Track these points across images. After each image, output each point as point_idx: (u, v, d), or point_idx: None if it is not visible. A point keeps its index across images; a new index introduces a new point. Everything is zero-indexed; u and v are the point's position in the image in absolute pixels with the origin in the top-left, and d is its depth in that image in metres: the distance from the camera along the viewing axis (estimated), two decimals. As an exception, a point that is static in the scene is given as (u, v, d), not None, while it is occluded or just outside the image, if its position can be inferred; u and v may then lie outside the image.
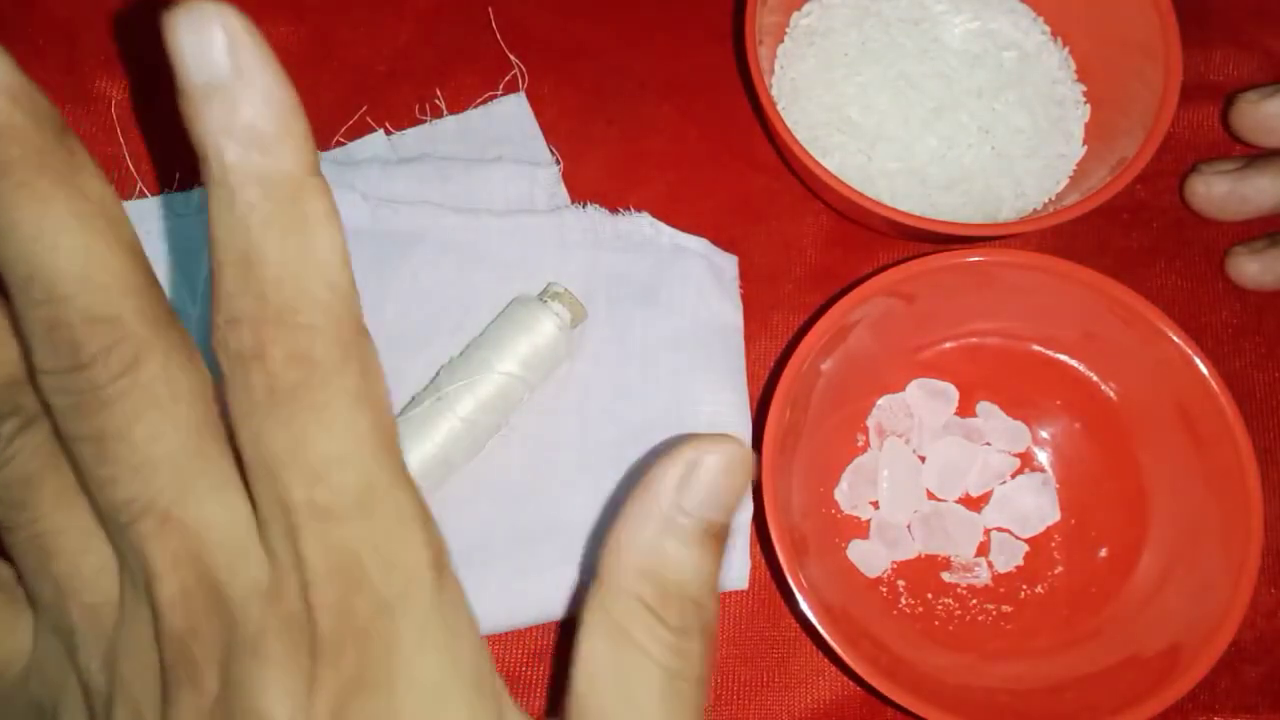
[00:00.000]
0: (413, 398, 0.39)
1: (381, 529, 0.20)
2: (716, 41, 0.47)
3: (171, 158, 0.43)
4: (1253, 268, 0.44)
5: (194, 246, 0.41)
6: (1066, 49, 0.46)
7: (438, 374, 0.39)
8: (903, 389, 0.42)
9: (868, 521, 0.41)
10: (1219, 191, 0.44)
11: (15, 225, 0.19)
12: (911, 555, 0.41)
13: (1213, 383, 0.37)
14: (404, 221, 0.41)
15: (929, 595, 0.41)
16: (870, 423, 0.42)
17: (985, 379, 0.42)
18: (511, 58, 0.45)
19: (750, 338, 0.43)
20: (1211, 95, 0.47)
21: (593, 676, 0.22)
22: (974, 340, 0.42)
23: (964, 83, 0.44)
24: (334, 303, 0.20)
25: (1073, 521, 0.41)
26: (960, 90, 0.44)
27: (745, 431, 0.40)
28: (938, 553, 0.41)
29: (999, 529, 0.41)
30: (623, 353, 0.41)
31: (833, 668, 0.40)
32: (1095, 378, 0.41)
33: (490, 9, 0.46)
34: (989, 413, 0.42)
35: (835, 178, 0.39)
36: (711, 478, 0.23)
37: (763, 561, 0.41)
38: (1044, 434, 0.42)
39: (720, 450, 0.23)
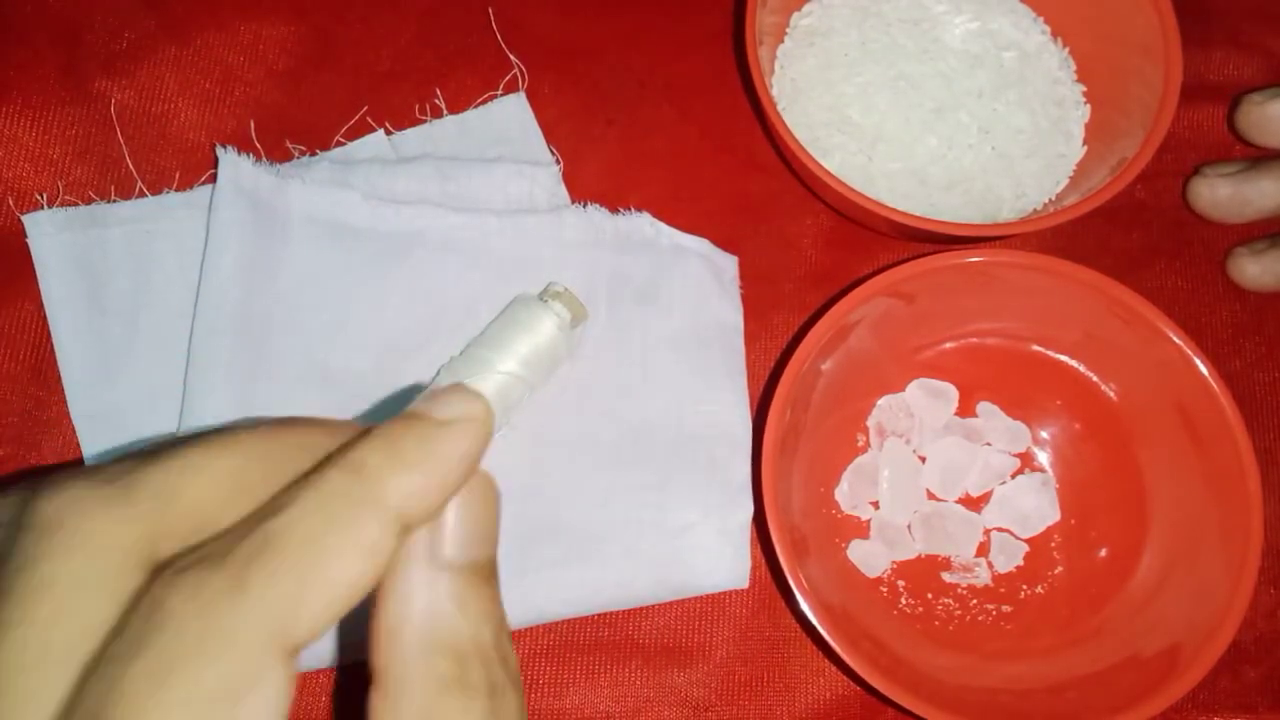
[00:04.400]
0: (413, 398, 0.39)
1: None
2: (716, 41, 0.47)
3: (171, 158, 0.43)
4: (1253, 269, 0.44)
5: (194, 246, 0.41)
6: (1066, 49, 0.46)
7: (438, 373, 0.39)
8: (903, 389, 0.42)
9: (868, 521, 0.41)
10: (1222, 194, 0.44)
11: None
12: (912, 555, 0.41)
13: (1213, 383, 0.37)
14: (404, 221, 0.41)
15: (929, 595, 0.41)
16: (870, 423, 0.42)
17: (985, 379, 0.42)
18: (511, 58, 0.45)
19: (750, 338, 0.43)
20: (1211, 95, 0.47)
21: None
22: (974, 340, 0.42)
23: (964, 83, 0.44)
24: None
25: (1073, 522, 0.41)
26: (960, 90, 0.44)
27: (745, 431, 0.40)
28: (938, 553, 0.41)
29: (999, 529, 0.41)
30: (623, 353, 0.41)
31: (833, 668, 0.40)
32: (1095, 378, 0.41)
33: (490, 9, 0.46)
34: (989, 413, 0.42)
35: (835, 178, 0.39)
36: (457, 516, 0.20)
37: (763, 561, 0.41)
38: (1044, 434, 0.42)
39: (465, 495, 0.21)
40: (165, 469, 0.19)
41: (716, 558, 0.39)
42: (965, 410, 0.43)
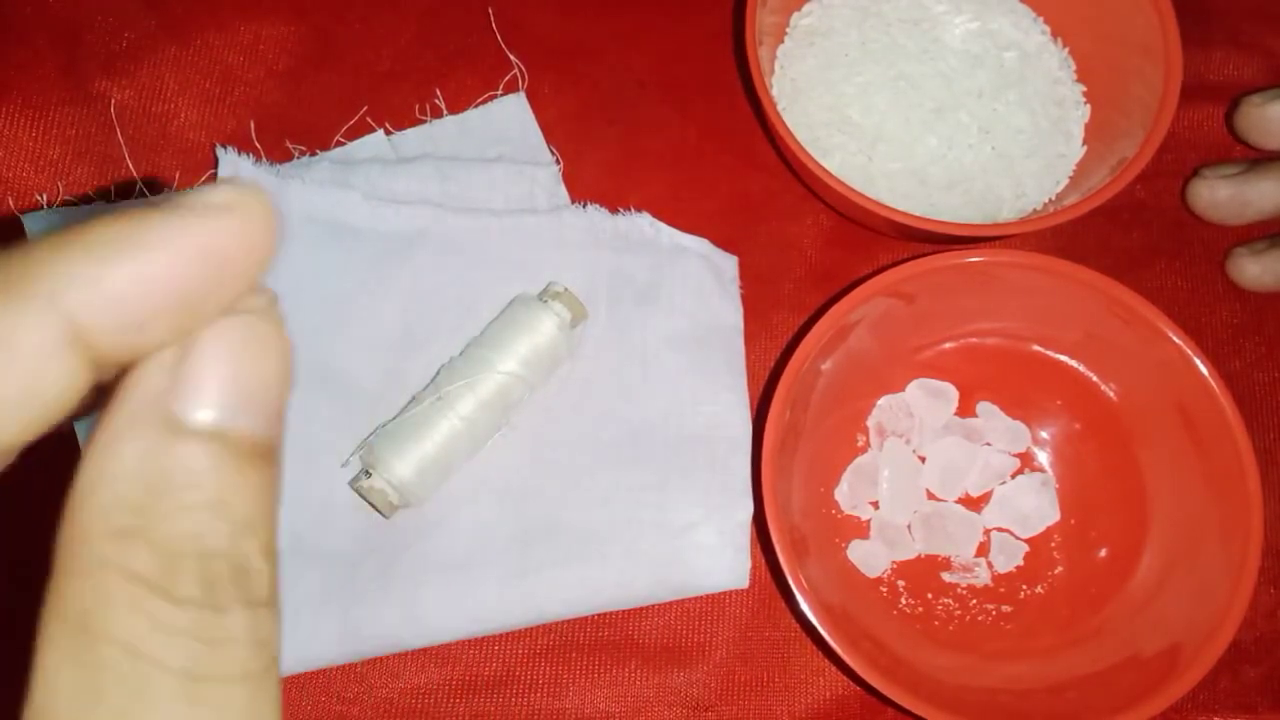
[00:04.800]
0: (413, 397, 0.39)
1: None
2: (716, 41, 0.47)
3: (171, 158, 0.43)
4: (1253, 269, 0.44)
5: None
6: (1066, 49, 0.46)
7: (438, 373, 0.39)
8: (903, 389, 0.42)
9: (868, 521, 0.41)
10: (1222, 196, 0.44)
11: None
12: (911, 555, 0.41)
13: (1213, 383, 0.37)
14: (404, 221, 0.41)
15: (929, 595, 0.41)
16: (870, 423, 0.42)
17: (985, 379, 0.42)
18: (511, 58, 0.45)
19: (750, 338, 0.43)
20: (1211, 95, 0.47)
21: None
22: (974, 340, 0.42)
23: (964, 83, 0.44)
24: None
25: (1073, 522, 0.41)
26: (960, 90, 0.44)
27: (745, 431, 0.40)
28: (938, 553, 0.41)
29: (999, 529, 0.41)
30: (623, 353, 0.41)
31: (833, 668, 0.40)
32: (1095, 378, 0.41)
33: (490, 9, 0.46)
34: (989, 413, 0.42)
35: (835, 178, 0.39)
36: (210, 360, 0.14)
37: (763, 561, 0.41)
38: (1044, 434, 0.42)
39: (224, 325, 0.15)
40: None
41: (716, 558, 0.39)
42: (965, 410, 0.43)
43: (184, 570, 0.13)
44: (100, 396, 0.15)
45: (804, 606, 0.35)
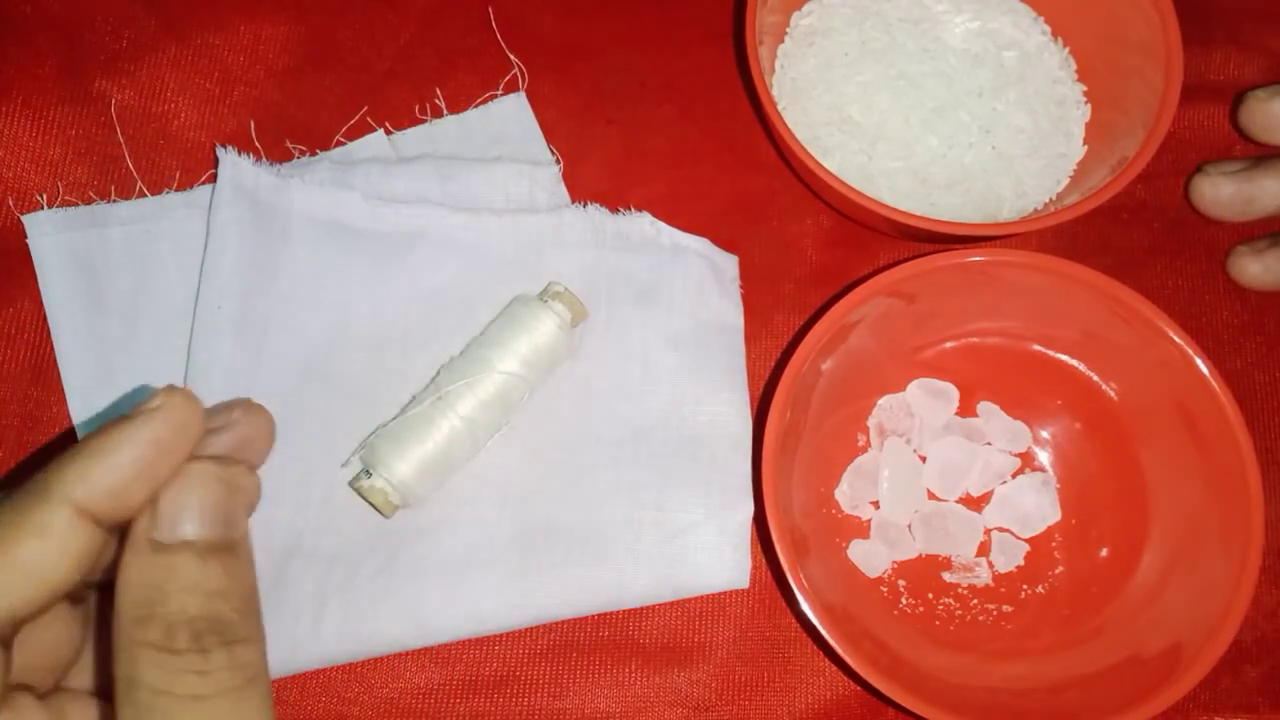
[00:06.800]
0: (413, 397, 0.39)
1: None
2: (716, 41, 0.47)
3: (171, 158, 0.43)
4: (1255, 268, 0.44)
5: (194, 246, 0.41)
6: (1067, 49, 0.46)
7: (438, 373, 0.39)
8: (903, 389, 0.42)
9: (868, 521, 0.41)
10: (1225, 193, 0.44)
11: None
12: (912, 555, 0.41)
13: (1213, 383, 0.37)
14: (404, 221, 0.41)
15: (930, 595, 0.41)
16: (871, 423, 0.42)
17: (986, 379, 0.42)
18: (511, 58, 0.45)
19: (750, 337, 0.43)
20: (1212, 95, 0.47)
21: None
22: (974, 340, 0.42)
23: (965, 82, 0.44)
24: None
25: (1073, 521, 0.41)
26: (961, 90, 0.44)
27: (745, 431, 0.40)
28: (938, 553, 0.41)
29: (1000, 529, 0.41)
30: (623, 352, 0.41)
31: (833, 668, 0.40)
32: (1096, 378, 0.41)
33: (490, 9, 0.46)
34: (990, 413, 0.42)
35: (836, 177, 0.39)
36: (167, 499, 0.23)
37: (763, 561, 0.41)
38: (1044, 434, 0.42)
39: (179, 476, 0.23)
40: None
41: (717, 558, 0.39)
42: (965, 410, 0.42)
43: (178, 632, 0.22)
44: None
45: (804, 606, 0.35)
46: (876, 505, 0.41)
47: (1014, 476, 0.42)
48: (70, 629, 0.26)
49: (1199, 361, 0.38)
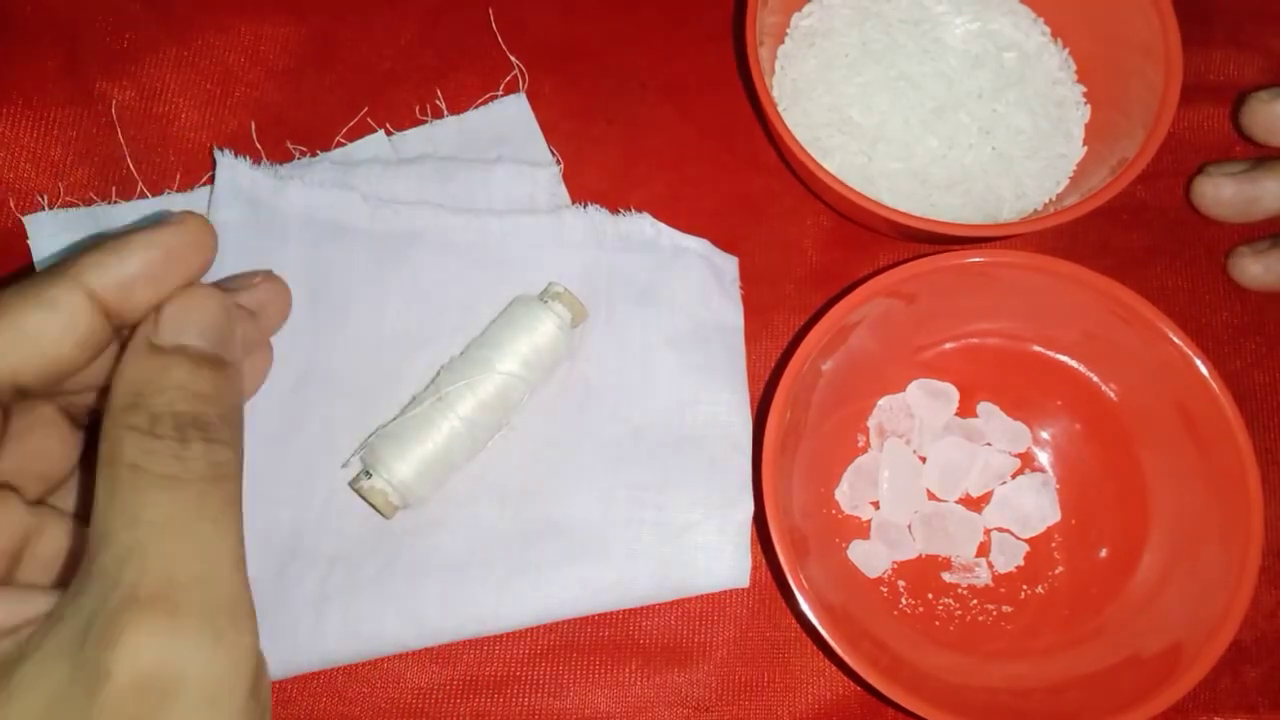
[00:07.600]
0: (413, 398, 0.39)
1: None
2: (716, 41, 0.47)
3: (172, 158, 0.43)
4: (1255, 268, 0.44)
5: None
6: (1067, 50, 0.46)
7: (438, 374, 0.39)
8: (903, 389, 0.42)
9: (868, 522, 0.41)
10: (1227, 193, 0.44)
11: None
12: (912, 555, 0.41)
13: (1213, 383, 0.37)
14: (404, 221, 0.41)
15: (929, 595, 0.41)
16: (871, 423, 0.42)
17: (986, 379, 0.42)
18: (511, 58, 0.45)
19: (751, 338, 0.43)
20: (1212, 95, 0.47)
21: (102, 515, 0.22)
22: (974, 340, 0.42)
23: (964, 83, 0.44)
24: None
25: (1073, 522, 0.41)
26: (961, 91, 0.44)
27: (745, 431, 0.40)
28: (938, 553, 0.41)
29: (999, 529, 0.41)
30: (623, 353, 0.41)
31: (833, 668, 0.40)
32: (1095, 378, 0.41)
33: (490, 9, 0.46)
34: (989, 413, 0.42)
35: (836, 178, 0.39)
36: (171, 307, 0.25)
37: (763, 561, 0.41)
38: (1044, 434, 0.42)
39: (183, 290, 0.26)
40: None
41: (717, 557, 0.39)
42: (965, 410, 0.43)
43: (163, 421, 0.23)
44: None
45: (804, 606, 0.35)
46: (876, 505, 0.42)
47: (1014, 477, 0.42)
48: (64, 446, 0.28)
49: (1199, 362, 0.38)
